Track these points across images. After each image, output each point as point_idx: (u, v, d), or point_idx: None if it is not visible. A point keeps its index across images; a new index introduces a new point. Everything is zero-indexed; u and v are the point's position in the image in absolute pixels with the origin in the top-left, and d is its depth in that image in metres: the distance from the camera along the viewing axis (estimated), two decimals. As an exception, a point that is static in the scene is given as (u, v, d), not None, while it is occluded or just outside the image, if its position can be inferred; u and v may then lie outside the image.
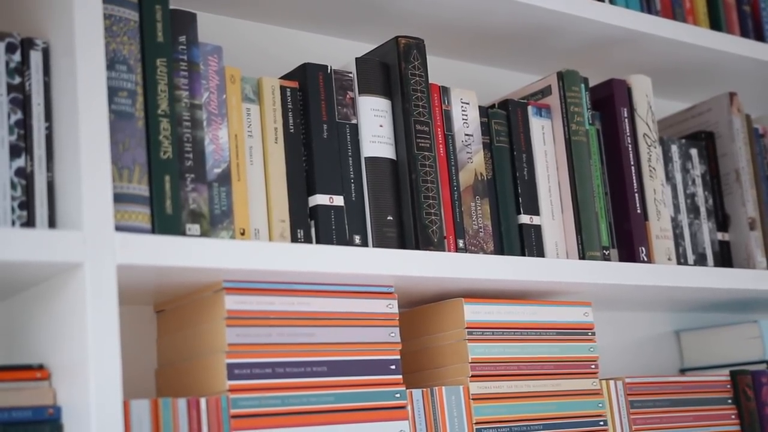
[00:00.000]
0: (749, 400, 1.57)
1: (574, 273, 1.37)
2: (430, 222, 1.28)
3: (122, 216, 1.06)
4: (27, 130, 1.05)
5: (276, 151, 1.23)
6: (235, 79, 1.21)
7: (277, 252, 1.12)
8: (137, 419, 1.02)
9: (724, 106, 1.71)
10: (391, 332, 1.23)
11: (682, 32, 1.64)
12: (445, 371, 1.32)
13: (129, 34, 1.11)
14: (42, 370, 1.03)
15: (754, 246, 1.66)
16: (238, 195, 1.18)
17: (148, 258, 1.03)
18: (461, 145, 1.37)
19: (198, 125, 1.15)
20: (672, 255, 1.53)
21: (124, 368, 1.15)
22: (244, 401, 1.10)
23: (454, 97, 1.38)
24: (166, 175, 1.11)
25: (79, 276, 0.99)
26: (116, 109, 1.08)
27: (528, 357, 1.34)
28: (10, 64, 1.05)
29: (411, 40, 1.32)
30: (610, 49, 1.66)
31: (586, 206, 1.44)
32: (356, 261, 1.18)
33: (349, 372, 1.19)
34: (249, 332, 1.13)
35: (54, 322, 1.04)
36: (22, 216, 1.03)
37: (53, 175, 1.05)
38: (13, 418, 0.98)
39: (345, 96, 1.29)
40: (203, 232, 1.13)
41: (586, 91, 1.49)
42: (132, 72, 1.10)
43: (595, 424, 1.38)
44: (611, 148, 1.53)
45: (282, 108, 1.24)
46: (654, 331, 1.81)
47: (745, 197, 1.67)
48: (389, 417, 1.20)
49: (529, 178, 1.43)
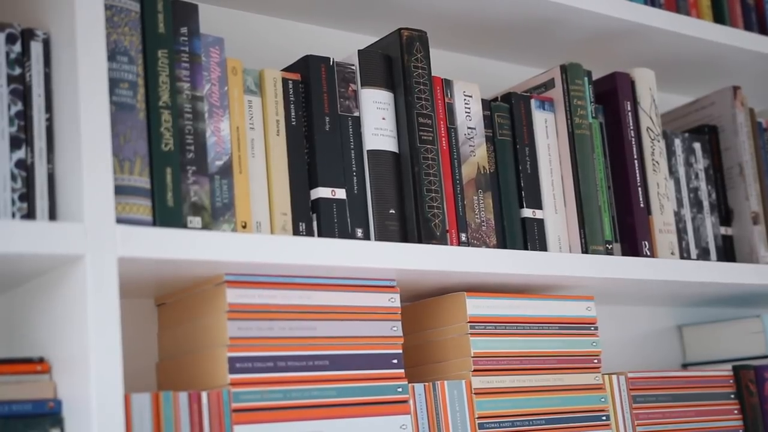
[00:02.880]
0: (752, 396, 1.57)
1: (577, 267, 1.37)
2: (433, 215, 1.27)
3: (123, 208, 1.05)
4: (27, 121, 1.04)
5: (278, 144, 1.22)
6: (237, 71, 1.20)
7: (279, 245, 1.12)
8: (138, 413, 1.02)
9: (727, 99, 1.70)
10: (394, 326, 1.23)
11: (686, 25, 1.64)
12: (448, 365, 1.31)
13: (130, 25, 1.10)
14: (42, 363, 1.02)
15: (757, 240, 1.65)
16: (240, 188, 1.18)
17: (149, 251, 1.03)
18: (464, 138, 1.36)
19: (199, 117, 1.15)
20: (675, 249, 1.52)
21: (125, 362, 1.14)
22: (245, 395, 1.10)
23: (457, 90, 1.37)
24: (168, 168, 1.10)
25: (79, 269, 0.99)
26: (117, 100, 1.07)
27: (530, 351, 1.34)
28: (10, 55, 1.04)
29: (414, 33, 1.31)
30: (613, 42, 1.65)
31: (589, 200, 1.44)
32: (358, 254, 1.17)
33: (351, 366, 1.18)
34: (250, 326, 1.12)
35: (54, 315, 1.03)
36: (23, 208, 1.02)
37: (54, 167, 1.05)
38: (13, 411, 0.97)
39: (347, 88, 1.28)
40: (205, 225, 1.12)
41: (589, 84, 1.49)
42: (133, 63, 1.09)
43: (598, 419, 1.37)
44: (614, 142, 1.52)
45: (284, 100, 1.24)
46: (656, 326, 1.81)
47: (749, 191, 1.67)
48: (391, 411, 1.20)
49: (532, 171, 1.43)
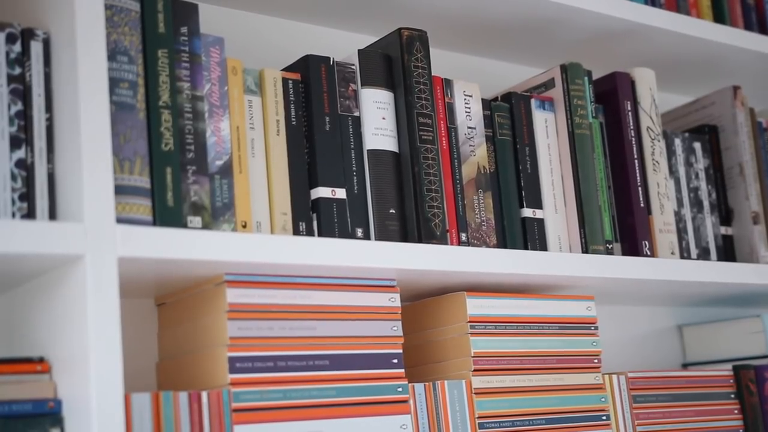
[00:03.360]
0: (752, 395, 1.57)
1: (577, 267, 1.37)
2: (433, 215, 1.27)
3: (123, 208, 1.05)
4: (27, 121, 1.04)
5: (278, 144, 1.22)
6: (237, 71, 1.20)
7: (279, 245, 1.12)
8: (138, 413, 1.02)
9: (727, 99, 1.70)
10: (394, 326, 1.23)
11: (686, 25, 1.64)
12: (448, 365, 1.31)
13: (130, 25, 1.10)
14: (42, 363, 1.02)
15: (757, 240, 1.65)
16: (240, 187, 1.18)
17: (149, 250, 1.03)
18: (464, 138, 1.36)
19: (199, 117, 1.15)
20: (675, 249, 1.52)
21: (125, 361, 1.14)
22: (245, 395, 1.10)
23: (457, 90, 1.37)
24: (168, 167, 1.10)
25: (79, 268, 0.99)
26: (117, 100, 1.07)
27: (531, 351, 1.34)
28: (10, 55, 1.04)
29: (414, 32, 1.31)
30: (613, 42, 1.65)
31: (589, 200, 1.44)
32: (358, 254, 1.17)
33: (351, 366, 1.18)
34: (250, 325, 1.12)
35: (54, 314, 1.03)
36: (23, 208, 1.02)
37: (54, 167, 1.05)
38: (13, 411, 0.97)
39: (347, 88, 1.28)
40: (205, 225, 1.12)
41: (589, 83, 1.49)
42: (133, 63, 1.09)
43: (598, 419, 1.37)
44: (615, 142, 1.52)
45: (284, 100, 1.24)
46: (657, 326, 1.81)
47: (749, 191, 1.66)
48: (391, 411, 1.19)
49: (532, 171, 1.43)
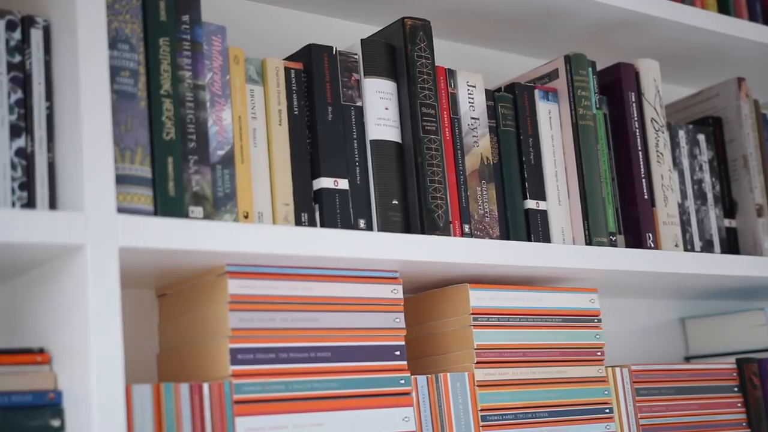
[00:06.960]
0: (755, 388, 1.56)
1: (581, 259, 1.36)
2: (436, 206, 1.27)
3: (124, 198, 1.04)
4: (27, 109, 1.03)
5: (280, 134, 1.21)
6: (239, 60, 1.19)
7: (281, 235, 1.11)
8: (139, 404, 1.01)
9: (732, 91, 1.69)
10: (396, 318, 1.22)
11: (691, 16, 1.63)
12: (450, 357, 1.31)
13: (131, 13, 1.09)
14: (43, 353, 1.02)
15: (761, 233, 1.64)
16: (242, 177, 1.17)
17: (150, 241, 1.02)
18: (467, 129, 1.35)
19: (201, 106, 1.14)
20: (679, 241, 1.51)
21: (126, 353, 1.14)
22: (247, 386, 1.09)
23: (461, 80, 1.36)
24: (169, 157, 1.09)
25: (80, 258, 0.98)
26: (118, 89, 1.06)
27: (533, 344, 1.33)
28: (10, 43, 1.03)
29: (417, 22, 1.30)
30: (617, 33, 1.64)
31: (592, 192, 1.43)
32: (361, 245, 1.16)
33: (353, 357, 1.17)
34: (252, 317, 1.12)
35: (55, 305, 1.02)
36: (23, 197, 1.01)
37: (54, 156, 1.04)
38: (13, 402, 0.97)
39: (350, 78, 1.27)
40: (206, 215, 1.12)
41: (593, 75, 1.48)
42: (134, 51, 1.08)
43: (601, 412, 1.37)
44: (618, 133, 1.51)
45: (286, 89, 1.23)
46: (660, 318, 1.80)
47: (753, 183, 1.66)
48: (394, 403, 1.19)
49: (536, 162, 1.42)
